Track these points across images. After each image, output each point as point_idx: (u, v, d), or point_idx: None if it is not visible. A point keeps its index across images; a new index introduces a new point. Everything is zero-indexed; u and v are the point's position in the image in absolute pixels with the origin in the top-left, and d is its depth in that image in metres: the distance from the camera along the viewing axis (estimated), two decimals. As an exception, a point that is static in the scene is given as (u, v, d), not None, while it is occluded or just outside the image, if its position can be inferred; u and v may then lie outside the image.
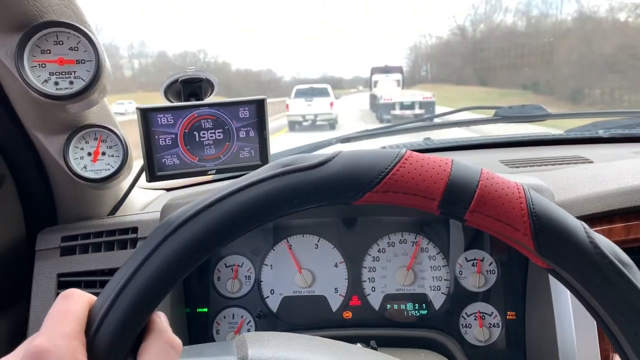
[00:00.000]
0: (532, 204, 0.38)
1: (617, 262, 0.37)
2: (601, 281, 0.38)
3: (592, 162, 1.16)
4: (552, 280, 0.82)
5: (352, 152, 0.40)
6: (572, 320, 0.77)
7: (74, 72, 0.65)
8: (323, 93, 13.33)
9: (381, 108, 15.56)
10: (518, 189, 0.39)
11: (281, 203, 0.38)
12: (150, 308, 0.37)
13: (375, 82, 23.23)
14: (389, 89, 21.42)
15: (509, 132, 1.44)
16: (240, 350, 0.46)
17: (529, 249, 0.38)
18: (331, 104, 13.11)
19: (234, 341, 0.48)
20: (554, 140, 1.40)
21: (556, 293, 0.81)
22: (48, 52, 0.64)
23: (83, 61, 0.66)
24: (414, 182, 0.38)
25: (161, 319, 0.40)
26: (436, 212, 0.40)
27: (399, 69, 25.28)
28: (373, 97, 19.92)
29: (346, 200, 0.39)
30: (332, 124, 12.97)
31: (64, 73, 0.65)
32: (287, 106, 13.14)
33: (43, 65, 0.64)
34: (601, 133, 1.38)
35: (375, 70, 24.90)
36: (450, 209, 0.39)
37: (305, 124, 12.56)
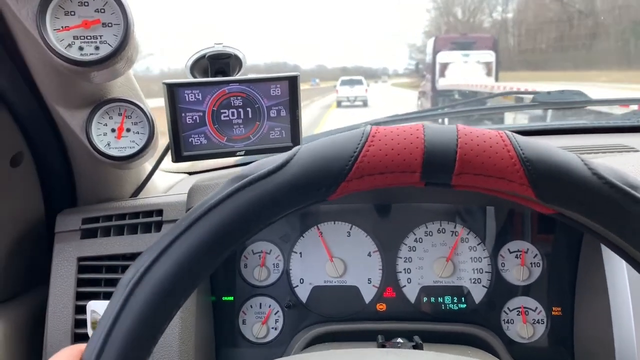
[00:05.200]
0: (521, 149, 0.34)
1: (627, 189, 0.33)
2: (615, 213, 0.33)
3: (638, 150, 1.09)
4: (609, 272, 0.75)
5: (314, 144, 0.36)
6: (631, 316, 0.71)
7: (100, 36, 0.60)
8: (359, 82, 19.73)
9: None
10: (501, 136, 0.35)
11: (250, 219, 0.34)
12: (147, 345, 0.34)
13: (444, 67, 12.87)
14: (469, 80, 11.61)
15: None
16: None
17: (530, 198, 0.35)
18: (366, 90, 19.70)
19: None
20: (594, 129, 1.33)
21: (613, 286, 0.74)
22: (72, 13, 0.59)
23: (110, 24, 0.60)
24: (388, 159, 0.34)
25: None
26: (420, 184, 0.36)
27: (488, 43, 13.50)
28: (439, 93, 12.36)
29: (321, 197, 0.35)
30: (365, 103, 19.21)
31: (89, 37, 0.60)
32: (336, 90, 19.73)
33: (67, 30, 0.58)
34: (645, 121, 1.30)
35: (442, 44, 13.57)
36: (434, 178, 0.35)
37: (347, 103, 19.00)
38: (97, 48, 0.60)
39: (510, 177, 0.34)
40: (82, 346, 0.35)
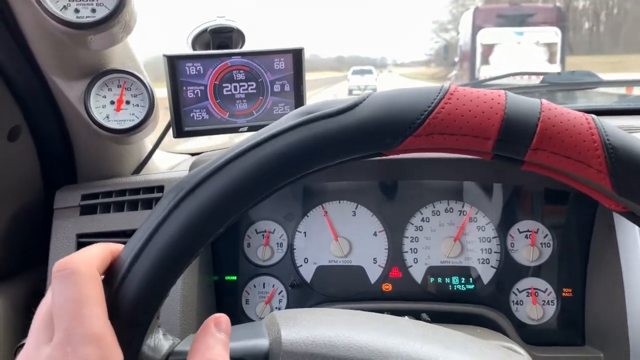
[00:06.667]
0: (606, 135, 0.32)
1: None
2: None
3: None
4: (623, 252, 0.73)
5: (387, 92, 0.34)
6: (646, 297, 0.69)
7: (97, -2, 0.58)
8: (370, 72, 20.74)
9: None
10: (587, 119, 0.32)
11: (307, 157, 0.32)
12: (181, 261, 0.32)
13: (488, 50, 9.26)
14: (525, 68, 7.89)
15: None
16: (271, 331, 0.40)
17: (604, 189, 0.32)
18: (375, 79, 20.51)
19: (264, 321, 0.42)
20: (603, 111, 1.30)
21: (627, 265, 0.72)
22: (67, -27, 0.57)
23: (107, -15, 0.58)
24: (464, 119, 0.32)
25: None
26: (489, 155, 0.33)
27: (551, 15, 9.48)
28: None
29: (384, 148, 0.33)
30: (374, 91, 19.28)
31: (85, -1, 0.58)
32: (348, 80, 20.55)
33: (62, -10, 0.56)
34: (656, 104, 1.27)
35: (485, 18, 9.63)
36: (507, 149, 0.32)
37: (358, 92, 18.61)
38: (93, 10, 0.58)
39: (590, 162, 0.32)
40: (113, 245, 0.34)
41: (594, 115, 0.33)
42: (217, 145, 1.18)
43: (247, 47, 0.88)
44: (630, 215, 0.34)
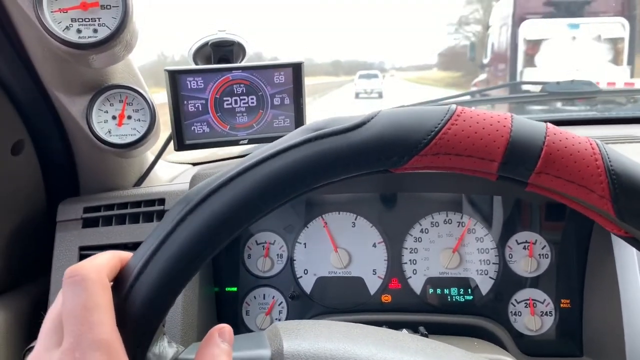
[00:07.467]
0: (610, 161, 0.32)
1: None
2: None
3: None
4: (620, 264, 0.74)
5: (395, 110, 0.34)
6: (642, 309, 0.69)
7: (99, 18, 0.59)
8: (375, 76, 20.98)
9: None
10: (591, 144, 0.33)
11: (315, 173, 0.33)
12: (189, 270, 0.33)
13: (533, 47, 6.81)
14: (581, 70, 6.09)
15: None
16: (273, 342, 0.40)
17: (607, 214, 0.33)
18: (381, 83, 20.83)
19: (266, 332, 0.42)
20: (604, 120, 1.31)
21: (623, 277, 0.73)
22: (69, -6, 0.58)
23: (109, 6, 0.59)
24: (469, 141, 0.33)
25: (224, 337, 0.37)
26: (494, 176, 0.34)
27: (615, 2, 6.76)
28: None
29: (390, 165, 0.33)
30: (380, 95, 19.92)
31: (87, 19, 0.59)
32: (355, 84, 20.87)
33: (64, 11, 0.57)
34: (655, 113, 1.28)
35: (528, 5, 7.01)
36: (512, 171, 0.33)
37: (365, 95, 19.87)
38: (95, 31, 0.59)
39: (592, 187, 0.32)
40: (121, 253, 0.35)
41: (598, 141, 0.34)
42: (215, 154, 1.19)
43: (247, 60, 0.90)
44: (632, 240, 0.34)
